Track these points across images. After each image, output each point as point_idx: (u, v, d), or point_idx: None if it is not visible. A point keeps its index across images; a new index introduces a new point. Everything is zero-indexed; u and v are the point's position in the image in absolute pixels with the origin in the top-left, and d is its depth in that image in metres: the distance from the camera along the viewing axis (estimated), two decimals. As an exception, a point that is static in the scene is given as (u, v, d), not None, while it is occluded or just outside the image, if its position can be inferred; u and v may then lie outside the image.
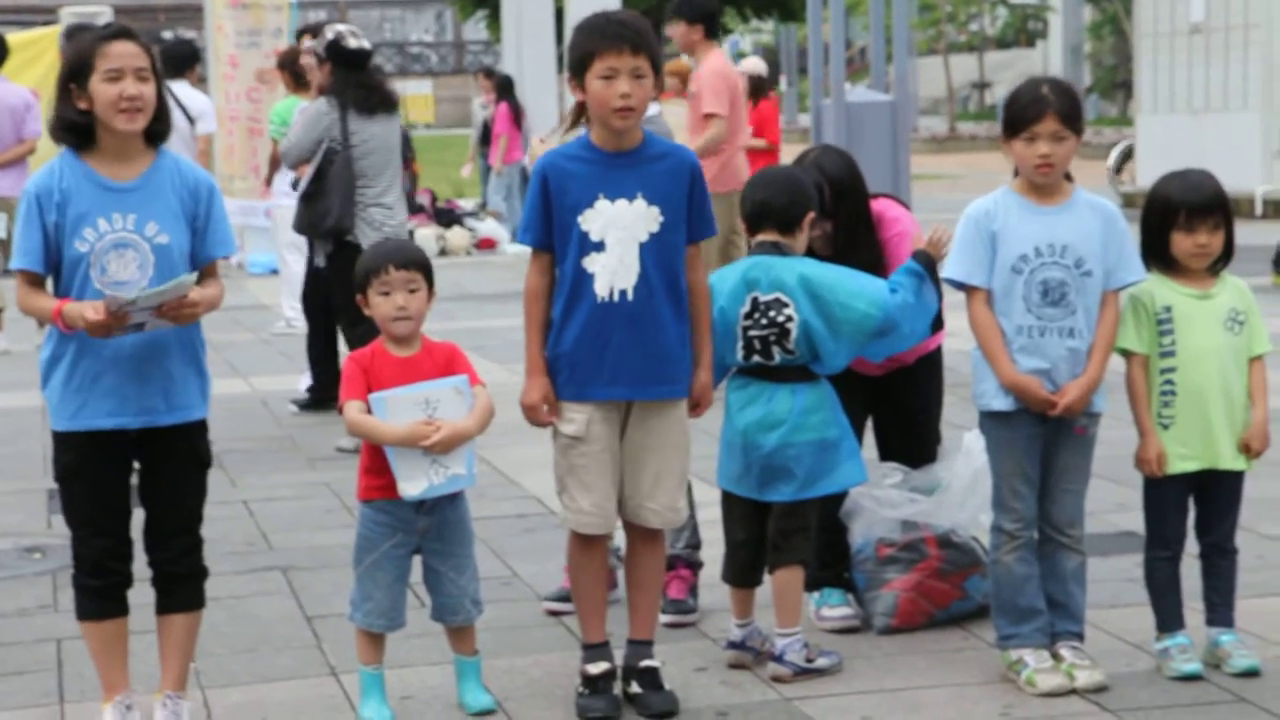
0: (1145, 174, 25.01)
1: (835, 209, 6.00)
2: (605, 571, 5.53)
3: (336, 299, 9.48)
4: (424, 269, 5.38)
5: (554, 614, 6.32)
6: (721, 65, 11.09)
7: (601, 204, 5.26)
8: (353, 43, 9.49)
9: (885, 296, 5.55)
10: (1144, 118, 26.53)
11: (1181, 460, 5.58)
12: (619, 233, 5.25)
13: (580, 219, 5.27)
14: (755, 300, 5.58)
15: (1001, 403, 5.53)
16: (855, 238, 5.99)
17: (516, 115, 21.95)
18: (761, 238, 5.66)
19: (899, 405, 6.32)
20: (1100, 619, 6.07)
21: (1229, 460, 5.59)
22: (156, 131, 5.07)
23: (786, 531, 5.65)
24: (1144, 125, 26.40)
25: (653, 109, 6.32)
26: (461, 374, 5.32)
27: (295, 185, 10.05)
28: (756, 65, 15.68)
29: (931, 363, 6.29)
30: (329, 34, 9.54)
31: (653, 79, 5.27)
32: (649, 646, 5.47)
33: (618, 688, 5.40)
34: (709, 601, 6.29)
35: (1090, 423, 5.57)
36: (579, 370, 5.31)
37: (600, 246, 5.26)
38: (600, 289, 5.26)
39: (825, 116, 10.25)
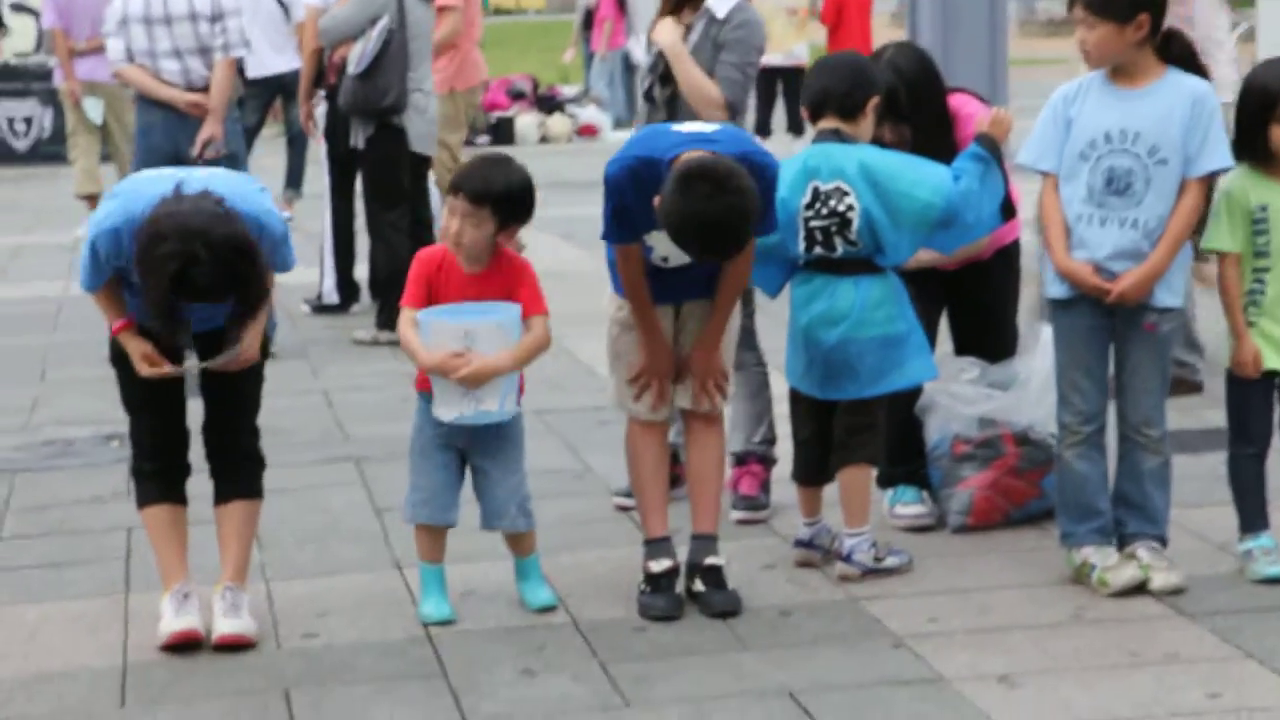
0: (1267, 56, 24.39)
1: (912, 112, 5.82)
2: (665, 461, 5.45)
3: (370, 184, 9.40)
4: (496, 205, 5.13)
5: (623, 509, 6.24)
6: None
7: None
8: None
9: (948, 184, 5.38)
10: None
11: (1266, 358, 5.39)
12: (682, 255, 5.17)
13: (649, 237, 5.21)
14: (816, 190, 5.43)
15: (1059, 289, 5.37)
16: (933, 140, 5.80)
17: (621, 2, 21.70)
18: (823, 125, 5.50)
19: (974, 300, 6.15)
20: (1185, 518, 5.91)
21: (1314, 360, 5.40)
22: None
23: (852, 429, 5.52)
24: (1265, 6, 25.70)
25: (725, 4, 6.10)
26: (515, 305, 5.19)
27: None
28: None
29: (1008, 255, 6.10)
30: None
31: None
32: (713, 542, 5.38)
33: (680, 585, 5.32)
34: (781, 498, 6.18)
35: (1160, 319, 5.36)
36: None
37: (664, 261, 5.26)
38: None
39: (920, 4, 9.96)
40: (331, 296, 10.17)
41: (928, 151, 5.71)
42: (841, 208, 5.40)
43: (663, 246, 5.20)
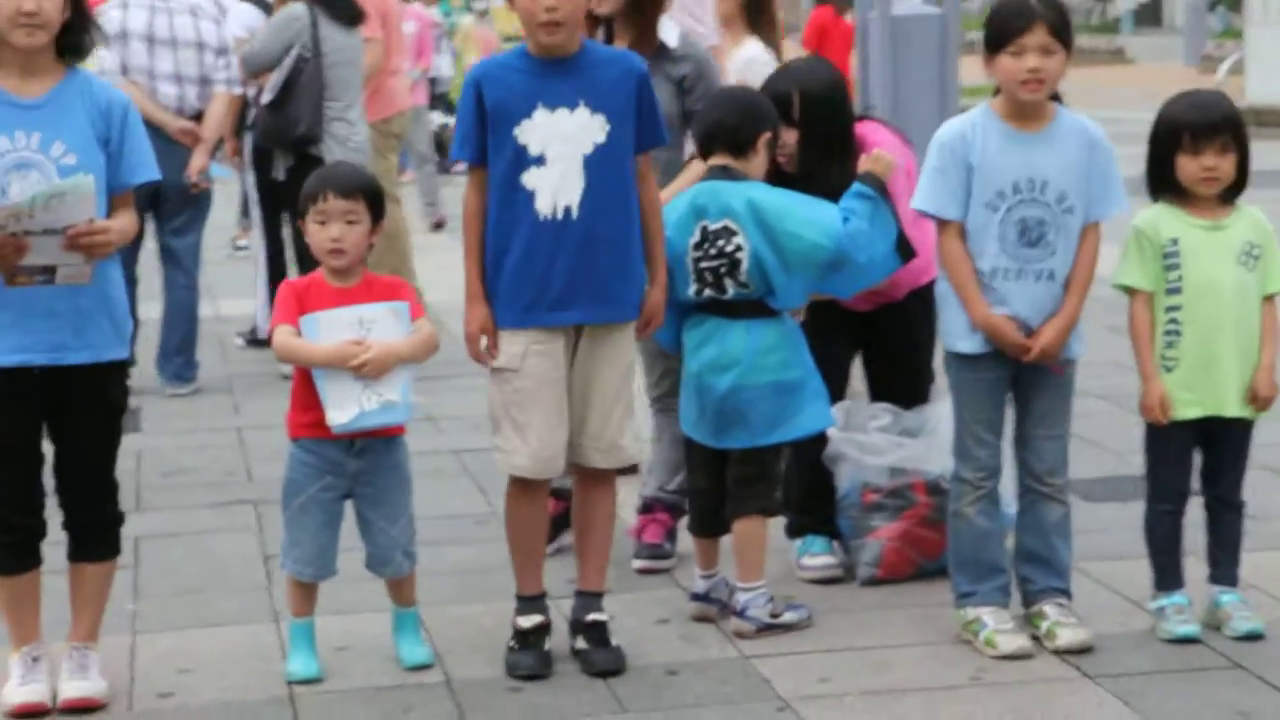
0: (1255, 88, 24.16)
1: (804, 122, 5.55)
2: (545, 520, 5.18)
3: (292, 216, 9.11)
4: (369, 198, 5.01)
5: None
6: None
7: (540, 114, 4.87)
8: None
9: (837, 225, 5.14)
10: (1253, 29, 25.56)
11: (1185, 406, 5.15)
12: (560, 145, 4.86)
13: (517, 131, 4.87)
14: (704, 229, 5.18)
15: (969, 344, 5.11)
16: (826, 159, 5.54)
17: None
18: (713, 161, 5.26)
19: (889, 342, 5.89)
20: (1102, 572, 5.68)
21: (1236, 407, 5.15)
22: (71, 45, 4.73)
23: (745, 480, 5.27)
24: (1253, 37, 25.45)
25: (674, 33, 5.83)
26: (402, 300, 4.98)
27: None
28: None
29: (923, 297, 5.81)
30: None
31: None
32: (598, 599, 5.13)
33: (549, 642, 5.06)
34: (687, 547, 5.90)
35: (1067, 364, 5.15)
36: (521, 295, 4.92)
37: (540, 160, 4.87)
38: (542, 206, 4.88)
39: (871, 29, 9.74)
40: (266, 330, 9.91)
41: (817, 167, 5.49)
42: (730, 248, 5.15)
43: (538, 137, 4.84)
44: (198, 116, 8.75)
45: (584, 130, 4.87)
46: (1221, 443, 5.21)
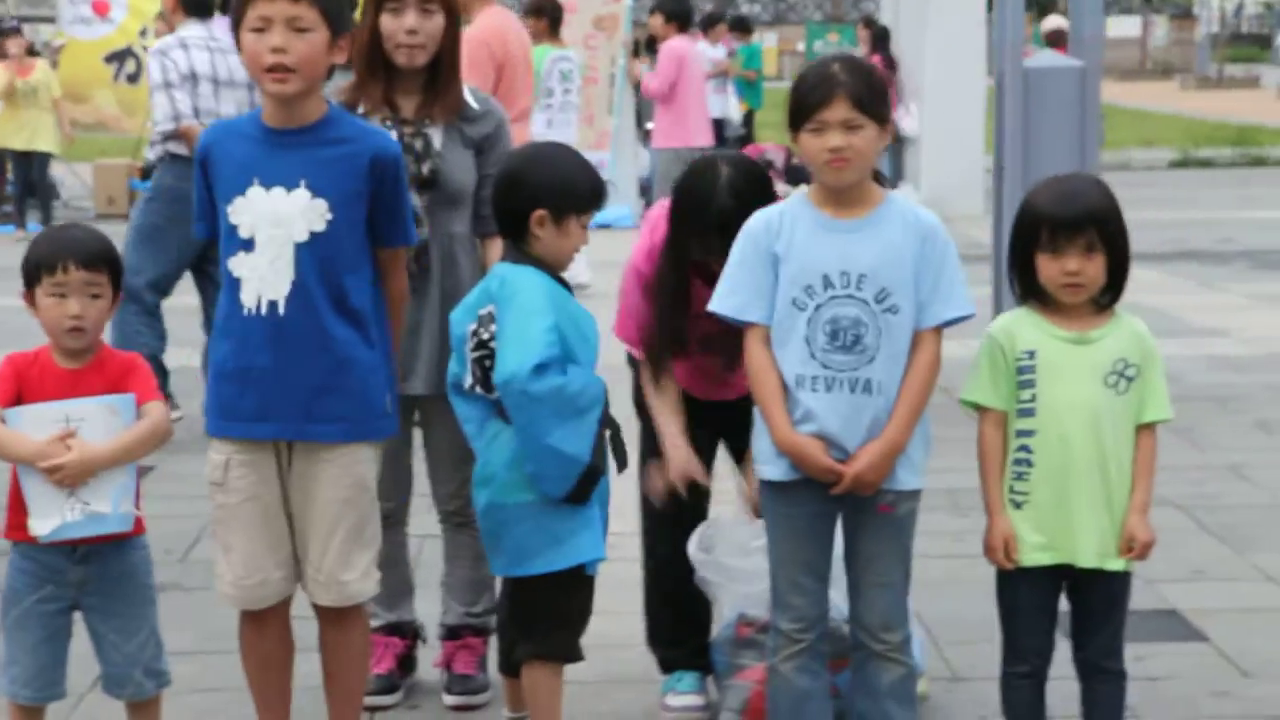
0: None
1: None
2: (282, 653, 4.51)
3: None
4: (112, 267, 4.44)
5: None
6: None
7: (254, 192, 4.24)
8: None
9: (529, 362, 4.27)
10: None
11: (1034, 551, 4.25)
12: (271, 229, 4.22)
13: (229, 209, 4.26)
14: (480, 315, 4.46)
15: (776, 470, 4.28)
16: None
17: (891, 67, 20.66)
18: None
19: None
20: None
21: (1091, 557, 4.22)
22: None
23: (530, 615, 4.48)
24: None
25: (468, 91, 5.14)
26: (127, 392, 4.39)
27: None
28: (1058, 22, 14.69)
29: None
30: None
31: (326, 34, 4.20)
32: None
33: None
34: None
35: (899, 499, 4.27)
36: (223, 398, 4.33)
37: (249, 245, 4.25)
38: (246, 299, 4.26)
39: (1005, 83, 8.77)
40: None
41: None
42: (486, 336, 4.41)
43: (249, 219, 4.23)
44: None
45: (301, 215, 4.22)
46: (1086, 597, 4.29)
